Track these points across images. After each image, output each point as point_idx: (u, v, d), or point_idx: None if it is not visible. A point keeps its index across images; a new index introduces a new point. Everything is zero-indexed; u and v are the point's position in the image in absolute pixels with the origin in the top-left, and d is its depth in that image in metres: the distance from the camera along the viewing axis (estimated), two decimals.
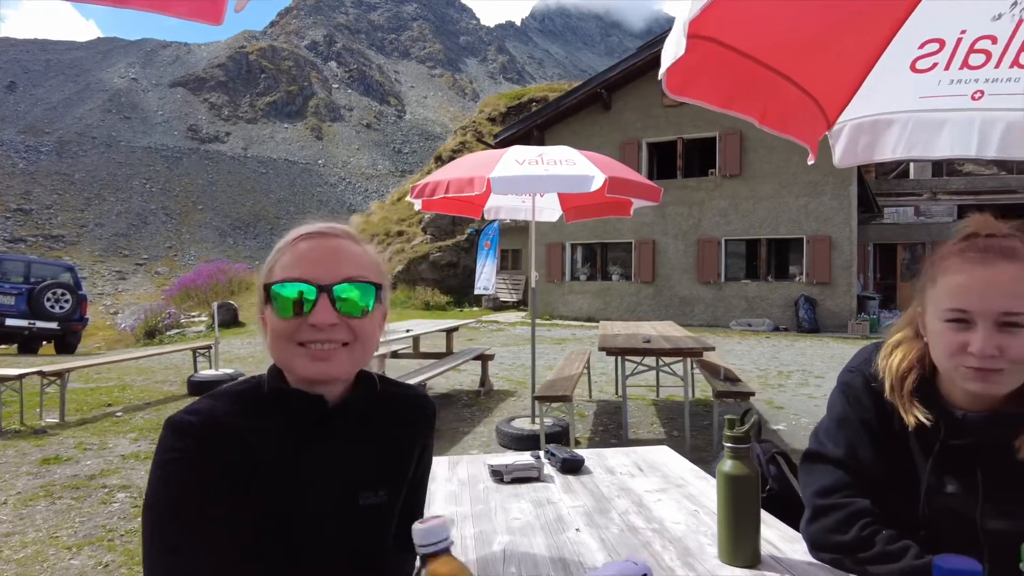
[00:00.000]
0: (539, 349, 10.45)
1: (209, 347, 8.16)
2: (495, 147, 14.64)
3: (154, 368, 9.24)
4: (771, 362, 9.81)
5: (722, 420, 1.40)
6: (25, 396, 5.78)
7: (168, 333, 17.12)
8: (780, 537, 1.26)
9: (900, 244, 20.26)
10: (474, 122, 30.40)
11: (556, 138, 16.50)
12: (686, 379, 5.19)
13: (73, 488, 4.02)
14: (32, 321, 12.15)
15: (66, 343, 13.09)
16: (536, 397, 4.82)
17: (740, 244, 16.54)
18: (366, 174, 60.77)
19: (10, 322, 11.86)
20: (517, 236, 19.83)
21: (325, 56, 78.97)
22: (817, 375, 8.51)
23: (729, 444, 1.13)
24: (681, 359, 5.21)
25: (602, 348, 5.05)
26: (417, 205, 4.96)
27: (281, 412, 0.90)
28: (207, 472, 0.82)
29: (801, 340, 13.19)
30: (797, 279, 15.70)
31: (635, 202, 5.12)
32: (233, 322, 15.76)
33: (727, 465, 1.13)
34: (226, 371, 7.59)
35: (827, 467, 1.17)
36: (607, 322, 7.62)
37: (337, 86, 74.23)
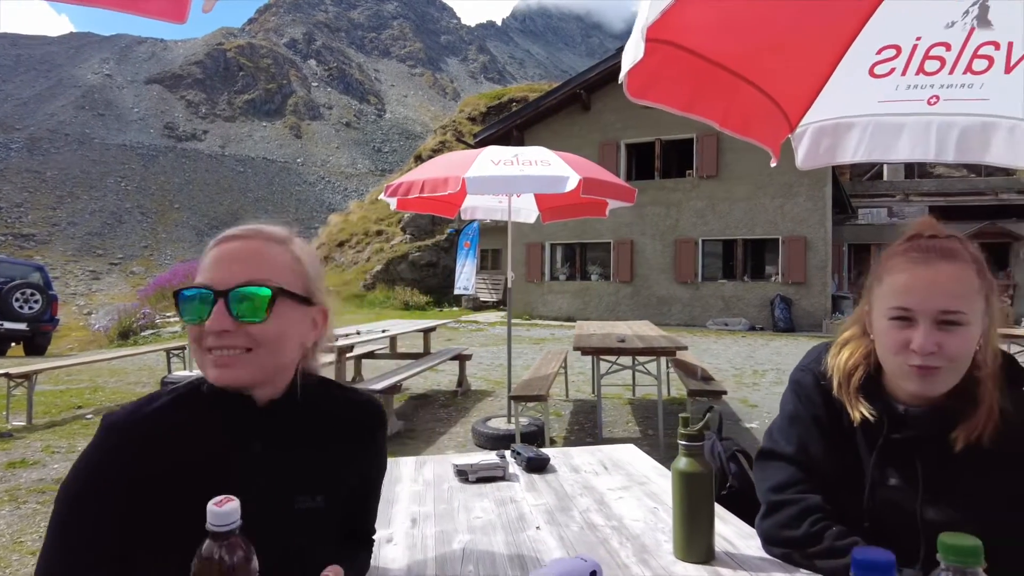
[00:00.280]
0: (518, 349, 10.48)
1: (183, 348, 8.05)
2: (474, 147, 14.60)
3: (127, 369, 9.09)
4: (746, 361, 9.93)
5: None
6: None
7: (143, 334, 16.82)
8: (736, 533, 1.28)
9: (874, 244, 20.59)
10: (454, 121, 30.35)
11: (536, 138, 16.53)
12: (660, 378, 5.24)
13: (39, 492, 3.94)
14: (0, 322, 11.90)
15: (36, 344, 12.81)
16: (512, 397, 4.84)
17: (717, 244, 16.72)
18: (345, 173, 60.33)
19: None
20: (497, 236, 19.84)
21: (304, 54, 78.23)
22: None
23: (683, 442, 1.15)
24: (655, 358, 5.26)
25: (577, 348, 5.08)
26: (392, 204, 4.94)
27: (215, 413, 0.90)
28: (126, 471, 0.82)
29: (776, 339, 13.36)
30: (773, 279, 15.91)
31: (611, 203, 5.16)
32: None
33: (681, 463, 1.15)
34: (200, 372, 7.48)
35: (780, 464, 1.19)
36: (584, 322, 7.67)
37: (316, 84, 73.59)
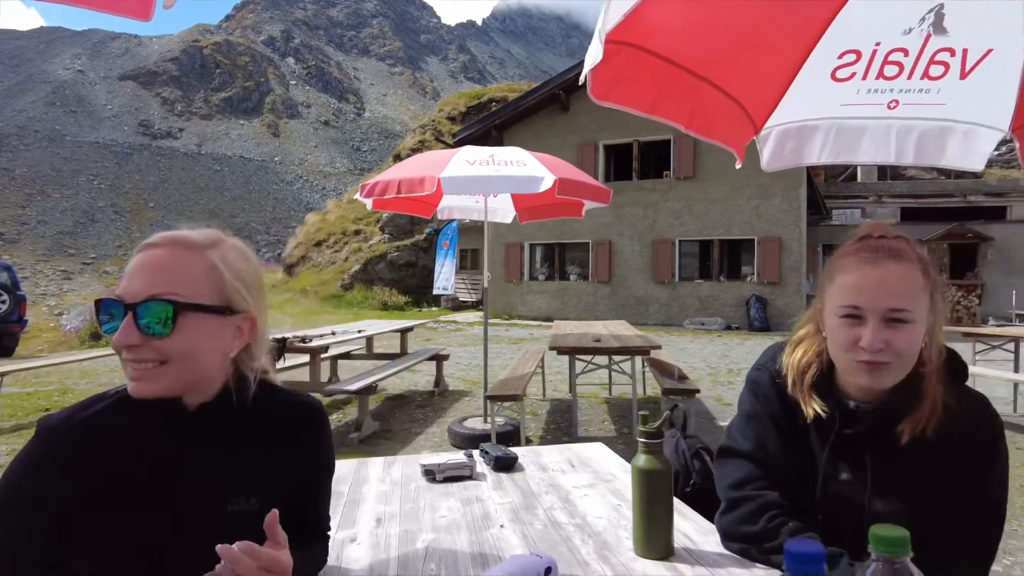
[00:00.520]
0: (496, 349, 10.49)
1: None
2: (453, 147, 14.59)
3: (99, 370, 8.93)
4: (722, 360, 10.05)
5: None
6: None
7: None
8: (695, 529, 1.30)
9: None
10: (434, 121, 30.28)
11: (515, 139, 16.56)
12: (635, 377, 5.28)
13: None
14: None
15: (3, 346, 12.52)
16: (488, 396, 4.84)
17: (694, 245, 16.89)
18: (324, 172, 59.84)
19: None
20: (476, 236, 19.79)
21: (282, 52, 77.46)
22: None
23: (642, 439, 1.16)
24: (630, 358, 5.30)
25: (553, 347, 5.10)
26: (368, 204, 4.91)
27: (147, 418, 0.90)
28: (63, 476, 0.82)
29: (752, 338, 13.53)
30: (748, 279, 16.11)
31: (587, 203, 5.19)
32: None
33: (640, 460, 1.16)
34: None
35: (739, 461, 1.22)
36: (561, 322, 7.71)
37: (295, 82, 72.88)
